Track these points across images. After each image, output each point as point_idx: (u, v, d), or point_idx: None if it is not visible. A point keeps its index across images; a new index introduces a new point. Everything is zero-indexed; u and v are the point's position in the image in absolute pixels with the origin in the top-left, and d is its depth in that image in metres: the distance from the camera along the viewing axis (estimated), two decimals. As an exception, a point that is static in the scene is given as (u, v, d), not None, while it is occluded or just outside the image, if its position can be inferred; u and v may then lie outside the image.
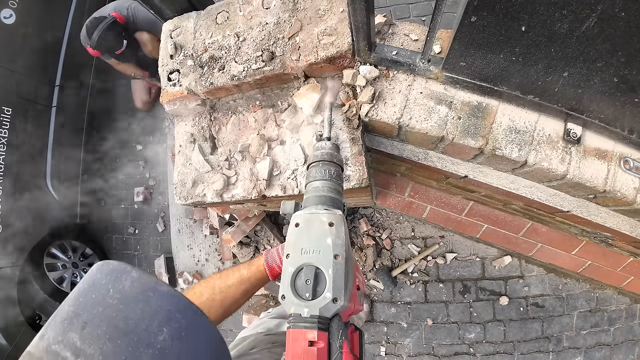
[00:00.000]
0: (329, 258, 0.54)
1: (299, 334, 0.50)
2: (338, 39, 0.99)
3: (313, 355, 0.48)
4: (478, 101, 0.98)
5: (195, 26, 1.22)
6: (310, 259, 0.54)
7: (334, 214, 0.60)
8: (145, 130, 3.10)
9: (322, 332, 0.50)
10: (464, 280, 2.04)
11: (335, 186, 0.70)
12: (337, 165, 0.74)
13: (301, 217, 0.61)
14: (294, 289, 0.53)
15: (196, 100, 1.22)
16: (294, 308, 0.52)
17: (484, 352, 1.97)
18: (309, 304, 0.51)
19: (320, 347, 0.49)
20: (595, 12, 0.64)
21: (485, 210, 1.65)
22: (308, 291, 0.52)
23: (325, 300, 0.51)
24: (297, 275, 0.54)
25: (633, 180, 0.94)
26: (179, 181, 1.25)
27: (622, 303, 1.86)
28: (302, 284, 0.53)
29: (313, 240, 0.57)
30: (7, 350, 2.29)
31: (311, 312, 0.51)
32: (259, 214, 2.05)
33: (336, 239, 0.56)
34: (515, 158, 0.95)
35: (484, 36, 0.77)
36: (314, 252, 0.55)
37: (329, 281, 0.52)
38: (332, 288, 0.52)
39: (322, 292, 0.52)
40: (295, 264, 0.55)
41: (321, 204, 0.65)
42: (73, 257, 2.83)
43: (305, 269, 0.54)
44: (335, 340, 0.50)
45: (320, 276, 0.53)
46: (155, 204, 2.97)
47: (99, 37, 2.25)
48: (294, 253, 0.56)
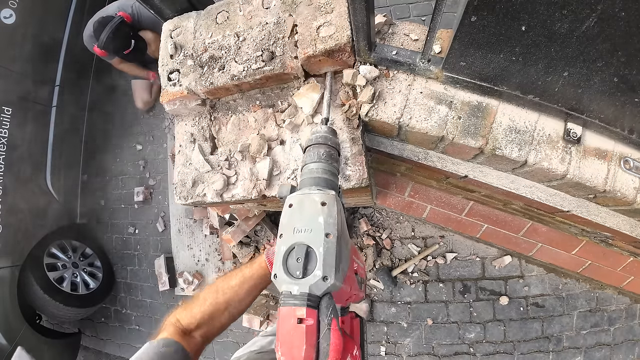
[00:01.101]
0: (320, 236, 0.54)
1: (288, 312, 0.49)
2: (337, 32, 0.98)
3: (302, 332, 0.47)
4: (478, 101, 0.99)
5: (195, 26, 1.22)
6: (302, 238, 0.54)
7: (327, 194, 0.60)
8: (146, 130, 3.10)
9: (312, 309, 0.49)
10: (464, 280, 2.04)
11: (330, 168, 0.71)
12: (331, 148, 0.74)
13: (295, 199, 0.61)
14: (285, 268, 0.53)
15: (196, 100, 1.22)
16: (285, 286, 0.52)
17: (484, 352, 1.97)
18: (299, 282, 0.51)
19: (310, 324, 0.48)
20: (595, 12, 0.64)
21: (485, 210, 1.65)
22: (299, 269, 0.52)
23: (315, 278, 0.51)
24: (289, 254, 0.54)
25: (633, 180, 0.94)
26: (179, 181, 1.25)
27: (622, 303, 1.86)
28: (293, 263, 0.53)
29: (305, 220, 0.56)
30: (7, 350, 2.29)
31: (301, 290, 0.50)
32: (259, 214, 2.05)
33: (328, 217, 0.56)
34: (515, 158, 0.95)
35: (484, 36, 0.77)
36: (305, 230, 0.55)
37: (319, 259, 0.52)
38: (323, 266, 0.51)
39: (312, 271, 0.52)
40: (287, 242, 0.55)
41: (315, 185, 0.66)
42: (73, 257, 2.83)
43: (296, 247, 0.54)
44: (324, 317, 0.49)
45: (312, 255, 0.53)
46: (155, 204, 2.97)
47: (107, 38, 2.22)
48: (287, 233, 0.56)
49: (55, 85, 2.71)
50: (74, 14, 2.78)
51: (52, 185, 2.68)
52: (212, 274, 2.53)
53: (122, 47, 2.31)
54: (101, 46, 2.27)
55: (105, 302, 2.97)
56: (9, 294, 2.35)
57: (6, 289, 2.33)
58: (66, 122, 2.80)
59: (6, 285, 2.33)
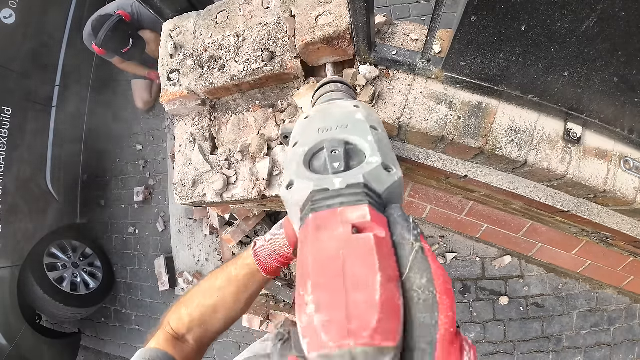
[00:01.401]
0: (365, 127, 0.36)
1: (329, 216, 0.26)
2: (336, 20, 0.97)
3: (368, 249, 0.23)
4: (478, 101, 0.98)
5: (195, 26, 1.22)
6: (335, 134, 0.37)
7: (358, 102, 0.44)
8: (146, 130, 3.10)
9: (377, 212, 0.27)
10: (464, 280, 2.04)
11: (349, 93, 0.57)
12: (344, 84, 0.61)
13: (311, 110, 0.45)
14: (310, 168, 0.35)
15: (196, 100, 1.22)
16: (314, 184, 0.31)
17: (484, 351, 1.97)
18: (343, 174, 0.31)
19: (381, 235, 0.25)
20: (595, 12, 0.64)
21: (485, 210, 1.65)
22: (338, 160, 0.33)
23: (370, 165, 0.31)
24: (315, 156, 0.36)
25: (633, 180, 0.94)
26: (179, 181, 1.25)
27: (622, 303, 1.86)
28: (323, 163, 0.35)
29: (337, 118, 0.40)
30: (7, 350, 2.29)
31: (348, 182, 0.29)
32: (259, 214, 2.05)
33: (369, 115, 0.40)
34: (515, 158, 0.95)
35: (484, 36, 0.77)
36: (338, 127, 0.38)
37: (371, 148, 0.34)
38: (379, 153, 0.33)
39: (360, 161, 0.33)
40: (310, 142, 0.37)
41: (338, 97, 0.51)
42: (73, 257, 2.83)
43: (327, 143, 0.35)
44: (403, 231, 0.26)
45: (353, 149, 0.35)
46: (155, 204, 2.97)
47: (106, 36, 2.23)
48: (306, 136, 0.39)
49: (55, 85, 2.71)
50: (74, 14, 2.78)
51: (52, 185, 2.68)
52: (212, 274, 2.53)
53: (120, 45, 2.31)
54: (99, 44, 2.27)
55: (105, 302, 2.97)
56: (9, 294, 2.34)
57: (6, 289, 2.33)
58: (66, 122, 2.80)
59: (6, 285, 2.33)
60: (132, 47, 2.35)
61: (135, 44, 2.37)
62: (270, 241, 0.59)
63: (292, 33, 1.05)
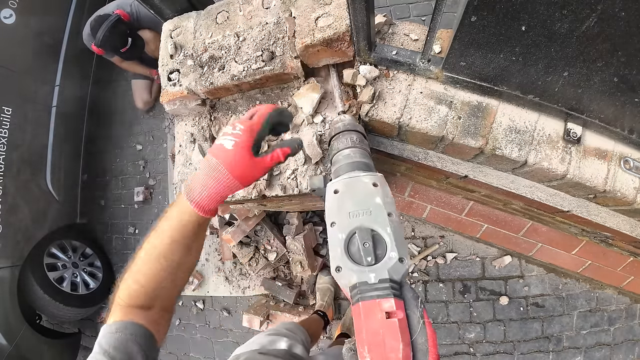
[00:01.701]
0: (384, 216, 0.49)
1: (372, 306, 0.42)
2: (336, 22, 0.97)
3: (395, 329, 0.40)
4: (478, 101, 0.99)
5: (195, 26, 1.22)
6: (363, 221, 0.49)
7: (375, 175, 0.57)
8: (146, 130, 3.10)
9: (399, 299, 0.43)
10: (464, 280, 2.04)
11: (365, 152, 0.68)
12: (360, 134, 0.73)
13: (339, 183, 0.56)
14: (349, 257, 0.47)
15: (196, 100, 1.22)
16: (357, 276, 0.45)
17: (484, 352, 1.97)
18: (374, 268, 0.45)
19: (401, 317, 0.42)
20: (595, 12, 0.64)
21: (485, 210, 1.65)
22: (369, 254, 0.46)
23: (391, 260, 0.45)
24: (350, 241, 0.49)
25: (633, 180, 0.94)
26: (179, 181, 1.25)
27: (622, 303, 1.86)
28: (357, 250, 0.48)
29: (361, 202, 0.52)
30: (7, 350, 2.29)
31: (379, 277, 0.44)
32: (259, 214, 2.05)
33: (385, 197, 0.52)
34: (515, 158, 0.95)
35: (484, 36, 0.77)
36: (364, 213, 0.50)
37: (390, 240, 0.47)
38: (397, 247, 0.46)
39: (385, 254, 0.46)
40: (346, 229, 0.49)
41: (356, 169, 0.62)
42: (73, 257, 2.83)
43: (358, 232, 0.48)
44: (414, 309, 0.43)
45: (377, 237, 0.48)
46: (155, 204, 2.97)
47: (104, 35, 2.22)
48: (341, 218, 0.51)
49: (55, 85, 2.71)
50: (74, 14, 2.77)
51: (52, 185, 2.67)
52: (212, 274, 2.53)
53: (119, 45, 2.31)
54: (98, 44, 2.27)
55: (105, 302, 2.97)
56: (9, 294, 2.34)
57: (6, 289, 2.33)
58: (66, 122, 2.80)
59: (6, 285, 2.33)
60: (130, 46, 2.35)
61: (134, 43, 2.37)
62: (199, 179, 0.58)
63: (292, 33, 1.05)
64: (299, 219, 2.11)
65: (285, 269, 2.29)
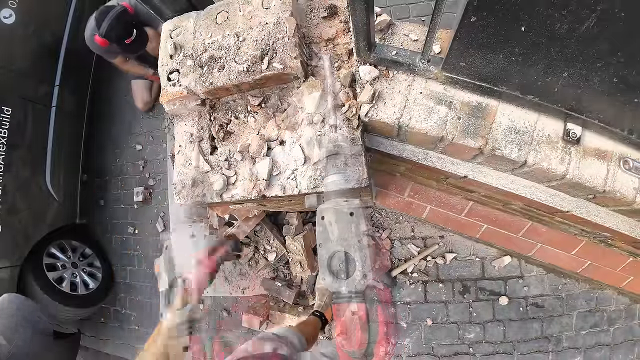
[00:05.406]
0: (355, 242, 0.69)
1: (343, 307, 0.67)
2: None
3: (356, 323, 0.65)
4: (478, 101, 0.99)
5: (195, 26, 1.22)
6: (340, 246, 0.70)
7: (353, 203, 0.74)
8: (146, 130, 3.10)
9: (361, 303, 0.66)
10: (463, 280, 2.04)
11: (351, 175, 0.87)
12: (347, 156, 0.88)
13: (326, 211, 0.75)
14: (330, 271, 0.70)
15: (196, 100, 1.22)
16: (334, 286, 0.69)
17: (483, 352, 1.97)
18: (346, 282, 0.68)
19: (361, 314, 0.66)
20: (595, 12, 0.64)
21: (485, 210, 1.65)
22: (342, 272, 0.68)
23: (357, 277, 0.67)
24: (331, 260, 0.70)
25: (632, 180, 0.94)
26: (179, 181, 1.25)
27: (621, 303, 1.86)
28: (336, 267, 0.70)
29: (340, 229, 0.71)
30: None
31: (348, 289, 0.67)
32: (259, 214, 2.05)
33: (357, 226, 0.71)
34: (515, 158, 0.95)
35: (483, 36, 0.77)
36: (341, 240, 0.70)
37: (358, 261, 0.68)
38: (362, 266, 0.67)
39: (353, 271, 0.68)
40: (329, 250, 0.71)
41: (340, 197, 0.79)
42: (73, 257, 2.82)
43: (337, 254, 0.70)
44: (371, 308, 0.67)
45: (350, 258, 0.69)
46: (155, 204, 2.96)
47: (109, 25, 2.16)
48: (325, 243, 0.72)
49: (55, 85, 2.70)
50: (74, 14, 2.77)
51: (52, 185, 2.67)
52: (212, 274, 2.52)
53: (124, 35, 2.24)
54: (102, 34, 2.19)
55: (105, 303, 2.96)
56: (9, 294, 2.34)
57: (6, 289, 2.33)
58: (66, 122, 2.80)
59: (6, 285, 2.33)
60: (136, 37, 2.28)
61: (139, 34, 2.32)
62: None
63: (292, 33, 1.05)
64: (299, 219, 2.11)
65: (284, 269, 2.29)
